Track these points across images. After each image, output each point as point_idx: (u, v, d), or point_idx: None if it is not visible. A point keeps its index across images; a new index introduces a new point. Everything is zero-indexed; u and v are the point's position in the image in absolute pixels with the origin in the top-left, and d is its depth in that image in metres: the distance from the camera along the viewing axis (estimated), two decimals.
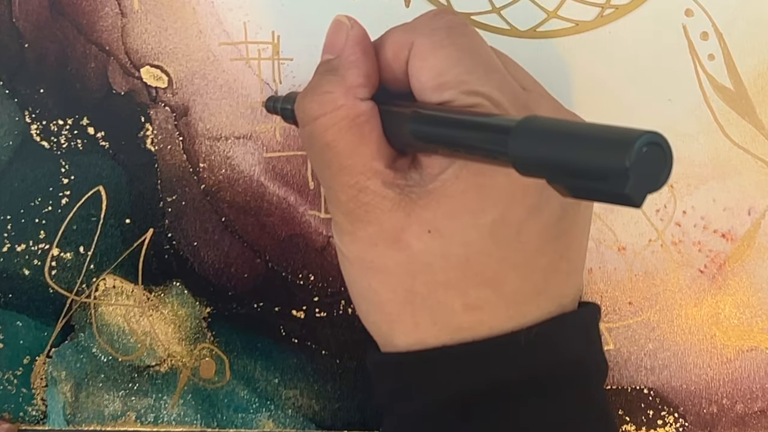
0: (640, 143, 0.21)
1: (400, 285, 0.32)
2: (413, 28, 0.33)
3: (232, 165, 0.43)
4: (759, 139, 0.42)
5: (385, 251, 0.32)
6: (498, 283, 0.32)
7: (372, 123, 0.32)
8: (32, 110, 0.43)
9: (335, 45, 0.34)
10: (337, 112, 0.32)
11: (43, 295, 0.43)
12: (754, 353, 0.42)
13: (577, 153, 0.23)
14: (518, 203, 0.31)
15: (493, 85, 0.31)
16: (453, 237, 0.31)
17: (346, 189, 0.32)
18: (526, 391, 0.32)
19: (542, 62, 0.42)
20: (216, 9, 0.42)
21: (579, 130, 0.23)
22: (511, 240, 0.31)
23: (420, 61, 0.32)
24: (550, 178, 0.23)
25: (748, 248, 0.42)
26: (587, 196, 0.23)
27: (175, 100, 0.43)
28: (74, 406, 0.43)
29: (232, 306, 0.43)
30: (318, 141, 0.32)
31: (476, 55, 0.32)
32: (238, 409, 0.43)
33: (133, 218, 0.43)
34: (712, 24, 0.42)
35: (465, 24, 0.33)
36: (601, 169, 0.22)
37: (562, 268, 0.33)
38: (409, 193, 0.31)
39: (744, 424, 0.43)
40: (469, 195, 0.31)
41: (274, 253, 0.43)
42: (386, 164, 0.32)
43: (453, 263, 0.31)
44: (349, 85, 0.32)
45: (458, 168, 0.31)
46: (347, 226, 0.33)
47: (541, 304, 0.32)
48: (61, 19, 0.43)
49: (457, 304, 0.32)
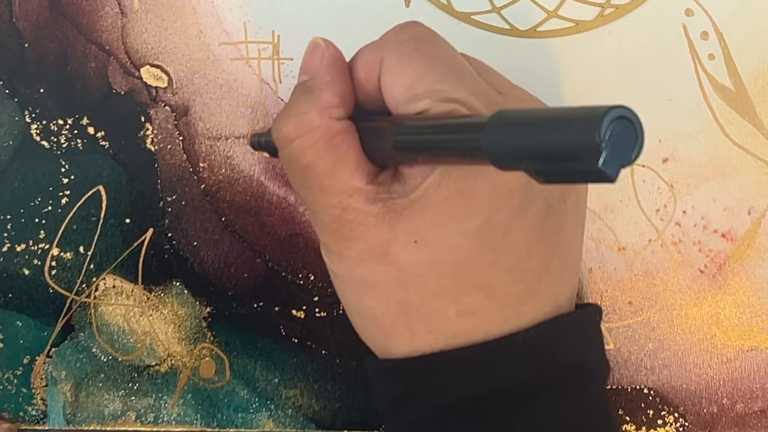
0: (609, 118, 0.22)
1: (392, 298, 0.32)
2: (381, 44, 0.33)
3: (232, 165, 0.43)
4: (759, 139, 0.42)
5: (374, 266, 0.32)
6: (490, 287, 0.32)
7: (349, 142, 0.32)
8: (32, 110, 0.43)
9: (311, 66, 0.34)
10: (312, 133, 0.32)
11: (43, 295, 0.43)
12: (754, 353, 0.42)
13: (547, 137, 0.23)
14: (502, 206, 0.31)
15: (467, 90, 0.31)
16: (440, 245, 0.31)
17: (329, 209, 0.32)
18: (525, 395, 0.32)
19: (542, 62, 0.42)
20: (216, 9, 0.42)
21: (548, 114, 0.24)
22: (498, 243, 0.31)
23: (391, 76, 0.32)
24: (525, 167, 0.23)
25: (748, 248, 0.42)
26: (563, 178, 0.23)
27: (175, 100, 0.43)
28: (74, 406, 0.43)
29: (232, 306, 0.43)
30: (296, 163, 0.32)
31: (446, 63, 0.32)
32: (238, 408, 0.43)
33: (133, 218, 0.43)
34: (712, 24, 0.42)
35: (433, 34, 0.33)
36: (573, 148, 0.22)
37: (554, 267, 0.33)
38: (393, 205, 0.31)
39: (744, 424, 0.43)
40: (452, 201, 0.31)
41: (274, 253, 0.43)
42: (367, 181, 0.32)
43: (443, 271, 0.31)
44: (323, 105, 0.32)
45: (439, 175, 0.31)
46: (334, 246, 0.33)
47: (535, 305, 0.32)
48: (61, 19, 0.43)
49: (450, 311, 0.32)
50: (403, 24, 0.34)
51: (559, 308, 0.33)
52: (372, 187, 0.32)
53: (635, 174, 0.42)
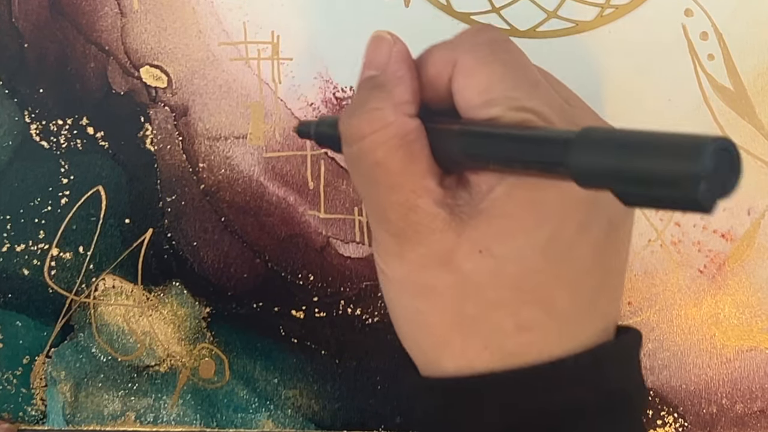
0: (711, 149, 0.21)
1: (449, 307, 0.31)
2: (455, 45, 0.33)
3: (232, 165, 0.43)
4: (759, 139, 0.42)
5: (435, 272, 0.31)
6: (549, 302, 0.31)
7: (422, 140, 0.31)
8: (32, 110, 0.43)
9: (378, 61, 0.33)
10: (387, 129, 0.31)
11: (43, 295, 0.43)
12: (753, 353, 0.42)
13: (644, 161, 0.23)
14: (570, 220, 0.30)
15: (541, 100, 0.31)
16: (505, 256, 0.30)
17: (396, 208, 0.31)
18: (572, 420, 0.31)
19: (542, 62, 0.42)
20: (215, 9, 0.42)
21: (643, 138, 0.23)
22: (562, 258, 0.31)
23: (465, 78, 0.31)
24: (613, 187, 0.23)
25: (748, 248, 0.42)
26: (654, 204, 0.23)
27: (175, 100, 0.43)
28: (74, 406, 0.43)
29: (232, 306, 0.43)
30: (367, 159, 0.32)
31: (521, 70, 0.32)
32: (238, 409, 0.43)
33: (132, 218, 0.43)
34: (712, 24, 0.42)
35: (507, 40, 0.33)
36: (672, 176, 0.22)
37: (607, 288, 0.32)
38: (459, 212, 0.31)
39: (743, 424, 0.42)
40: (521, 213, 0.30)
41: (273, 253, 0.43)
42: (437, 182, 0.31)
43: (505, 283, 0.31)
44: (397, 102, 0.31)
45: (509, 186, 0.30)
46: (394, 247, 0.32)
47: (588, 326, 0.32)
48: (60, 19, 0.43)
49: (508, 325, 0.31)
50: (478, 26, 0.33)
51: (607, 330, 0.33)
52: (441, 190, 0.31)
53: None
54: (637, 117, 0.42)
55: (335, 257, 0.43)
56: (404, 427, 0.43)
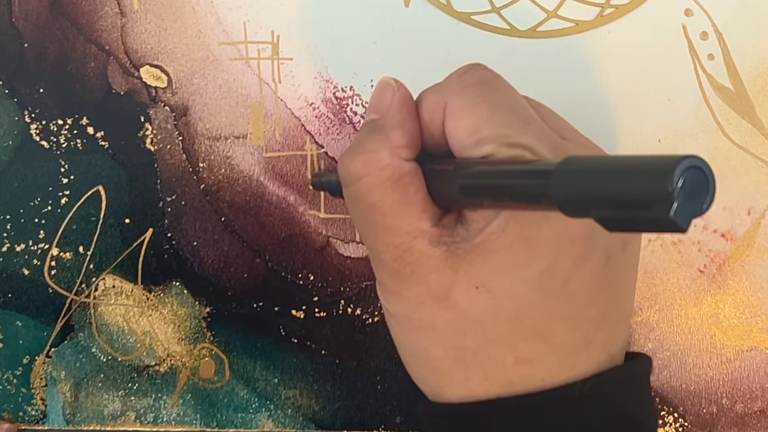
0: (681, 167, 0.22)
1: (449, 342, 0.32)
2: (444, 88, 0.33)
3: (232, 165, 0.43)
4: (759, 139, 0.42)
5: (433, 310, 0.32)
6: (548, 335, 0.31)
7: (416, 183, 0.32)
8: (32, 110, 0.43)
9: (381, 105, 0.34)
10: (381, 171, 0.32)
11: (43, 295, 0.43)
12: (753, 353, 0.42)
13: (618, 184, 0.23)
14: (565, 254, 0.31)
15: (532, 135, 0.31)
16: (501, 291, 0.31)
17: (392, 249, 0.32)
18: None
19: (542, 62, 0.42)
20: (215, 9, 0.42)
21: (618, 162, 0.24)
22: (559, 291, 0.31)
23: (455, 120, 0.32)
24: (594, 214, 0.23)
25: (748, 248, 0.42)
26: (633, 227, 0.23)
27: (175, 100, 0.43)
28: (74, 406, 0.43)
29: (232, 306, 0.43)
30: (362, 201, 0.32)
31: (511, 108, 0.32)
32: (238, 408, 0.43)
33: (132, 218, 0.43)
34: (712, 24, 0.42)
35: (496, 77, 0.33)
36: (645, 196, 0.22)
37: (610, 316, 0.32)
38: (456, 249, 0.31)
39: (744, 424, 0.42)
40: (516, 248, 0.30)
41: (273, 253, 0.43)
42: (432, 223, 0.32)
43: (502, 318, 0.31)
44: (393, 146, 0.32)
45: (504, 220, 0.30)
46: (392, 286, 0.33)
47: (591, 355, 0.32)
48: (61, 19, 0.43)
49: (508, 358, 0.31)
50: (466, 67, 0.34)
51: (612, 358, 0.33)
52: (436, 230, 0.32)
53: None
54: (637, 117, 0.42)
55: (335, 257, 0.43)
56: (404, 427, 0.43)
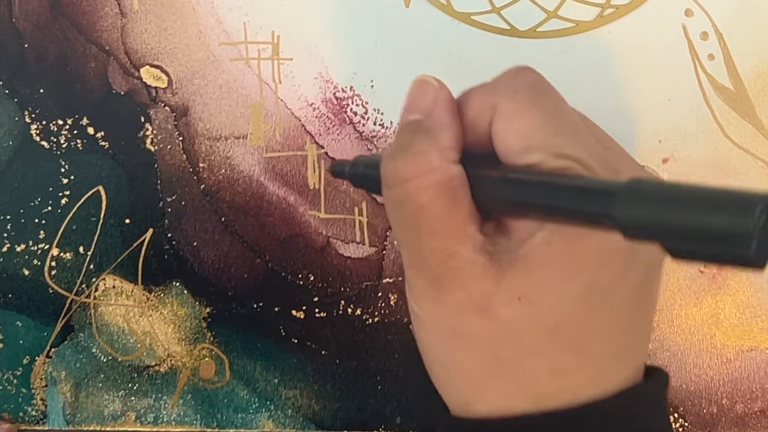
0: (762, 204, 0.21)
1: (485, 353, 0.31)
2: (494, 89, 0.33)
3: (232, 165, 0.43)
4: (759, 139, 0.42)
5: (471, 318, 0.31)
6: (584, 347, 0.31)
7: (464, 187, 0.31)
8: (32, 110, 0.43)
9: (422, 105, 0.33)
10: (432, 174, 0.31)
11: (43, 295, 0.43)
12: (754, 353, 0.42)
13: (695, 216, 0.23)
14: (608, 267, 0.30)
15: (581, 147, 0.30)
16: (543, 303, 0.30)
17: (436, 254, 0.31)
18: None
19: (542, 62, 0.42)
20: (216, 9, 0.42)
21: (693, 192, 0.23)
22: (599, 305, 0.31)
23: (505, 123, 0.31)
24: (661, 241, 0.23)
25: None
26: (702, 258, 0.23)
27: (175, 100, 0.43)
28: (74, 406, 0.43)
29: (232, 306, 0.43)
30: (410, 203, 0.31)
31: (561, 116, 0.32)
32: (238, 409, 0.43)
33: (132, 218, 0.43)
34: (712, 24, 0.42)
35: (546, 83, 0.33)
36: (724, 233, 0.22)
37: (640, 331, 0.33)
38: (498, 259, 0.31)
39: (744, 424, 0.42)
40: (561, 260, 0.30)
41: (274, 253, 0.43)
42: (477, 229, 0.31)
43: (541, 329, 0.31)
44: (442, 147, 0.31)
45: (549, 233, 0.30)
46: (430, 292, 0.32)
47: (620, 368, 0.32)
48: (61, 19, 0.43)
49: (543, 370, 0.31)
50: (517, 69, 0.33)
51: (638, 372, 0.33)
52: (481, 237, 0.31)
53: None
54: (637, 117, 0.42)
55: (335, 257, 0.43)
56: (404, 427, 0.43)
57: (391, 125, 0.42)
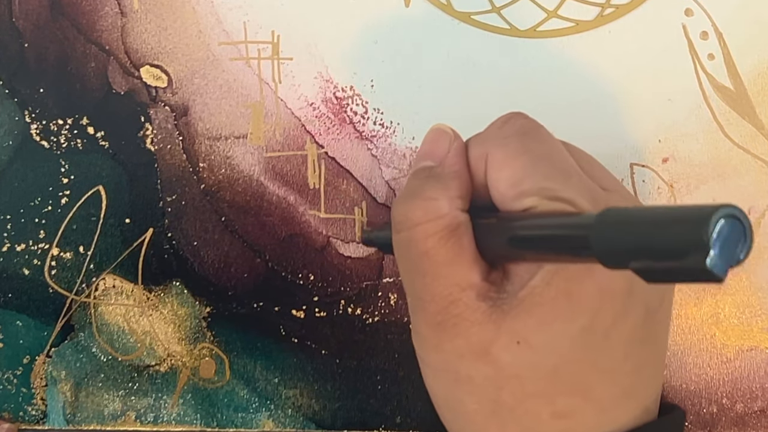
0: (717, 216, 0.22)
1: (486, 396, 0.32)
2: (485, 138, 0.33)
3: (232, 165, 0.43)
4: (759, 139, 0.42)
5: (472, 363, 0.31)
6: (586, 389, 0.31)
7: (469, 235, 0.32)
8: (32, 110, 0.43)
9: (436, 153, 0.34)
10: (440, 220, 0.32)
11: (43, 295, 0.43)
12: (754, 353, 0.42)
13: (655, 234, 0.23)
14: (606, 309, 0.31)
15: (573, 189, 0.31)
16: (542, 346, 0.31)
17: (438, 299, 0.32)
18: None
19: (542, 62, 0.42)
20: (216, 9, 0.42)
21: (655, 212, 0.24)
22: (599, 346, 0.31)
23: (497, 172, 0.32)
24: (633, 265, 0.24)
25: None
26: (670, 278, 0.23)
27: (175, 100, 0.43)
28: (74, 406, 0.43)
29: (232, 306, 0.43)
30: (416, 248, 0.32)
31: (552, 160, 0.32)
32: (238, 408, 0.43)
33: (132, 218, 0.43)
34: (712, 24, 0.42)
35: (537, 127, 0.33)
36: (681, 246, 0.22)
37: (646, 370, 0.33)
38: (501, 304, 0.31)
39: (744, 424, 0.42)
40: (560, 302, 0.30)
41: (274, 252, 0.43)
42: (481, 277, 0.31)
43: (541, 372, 0.31)
44: (452, 195, 0.32)
45: (548, 274, 0.30)
46: (432, 338, 0.32)
47: (628, 408, 0.32)
48: (61, 19, 0.43)
49: (545, 413, 0.31)
50: (507, 116, 0.34)
51: (647, 412, 0.33)
52: (485, 284, 0.31)
53: (635, 174, 0.42)
54: (637, 117, 0.42)
55: (336, 257, 0.43)
56: (404, 427, 0.43)
57: (391, 125, 0.42)
